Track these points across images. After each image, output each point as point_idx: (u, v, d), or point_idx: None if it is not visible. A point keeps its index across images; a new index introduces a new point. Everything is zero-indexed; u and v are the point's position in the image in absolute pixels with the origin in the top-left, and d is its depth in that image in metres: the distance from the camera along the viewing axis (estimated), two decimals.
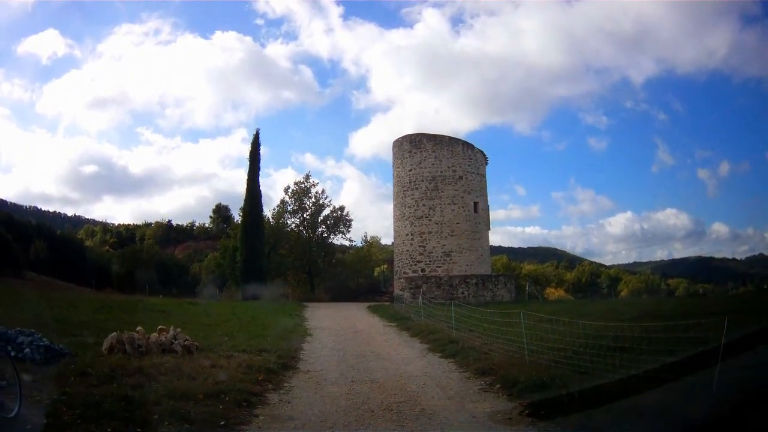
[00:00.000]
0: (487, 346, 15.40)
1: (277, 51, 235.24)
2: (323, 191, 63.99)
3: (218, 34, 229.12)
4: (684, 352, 9.16)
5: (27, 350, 11.62)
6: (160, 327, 15.82)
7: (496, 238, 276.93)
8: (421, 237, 46.04)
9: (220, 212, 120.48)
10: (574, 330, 13.46)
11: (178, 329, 15.94)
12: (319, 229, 62.85)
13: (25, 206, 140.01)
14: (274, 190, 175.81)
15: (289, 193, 62.58)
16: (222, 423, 8.53)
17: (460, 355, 15.06)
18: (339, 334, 22.46)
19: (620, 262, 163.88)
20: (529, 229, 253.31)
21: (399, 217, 48.29)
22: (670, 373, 8.73)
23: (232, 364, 13.20)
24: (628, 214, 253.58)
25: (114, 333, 14.43)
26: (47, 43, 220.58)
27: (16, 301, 22.16)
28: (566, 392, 8.66)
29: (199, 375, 11.54)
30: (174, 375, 11.32)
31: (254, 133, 57.28)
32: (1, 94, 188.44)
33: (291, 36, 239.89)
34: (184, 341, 15.21)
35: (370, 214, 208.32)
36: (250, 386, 11.10)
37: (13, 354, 9.92)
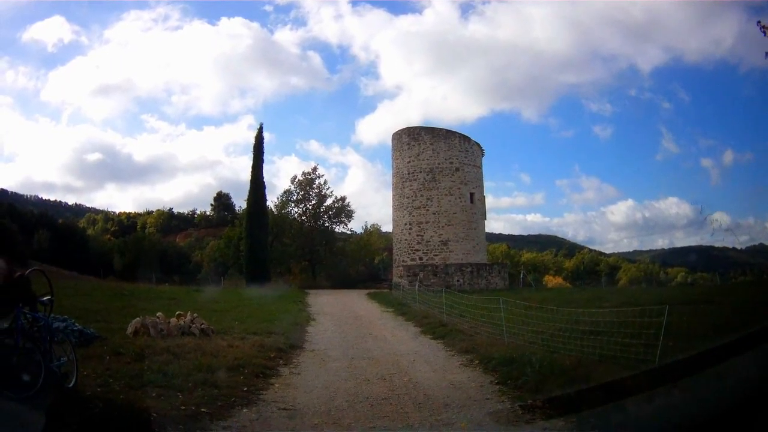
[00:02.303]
0: (473, 329, 16.95)
1: (286, 37, 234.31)
2: (326, 182, 65.07)
3: (224, 20, 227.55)
4: (648, 337, 10.67)
5: (62, 335, 13.05)
6: (178, 312, 17.18)
7: (498, 225, 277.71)
8: (419, 226, 47.40)
9: (221, 200, 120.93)
10: (556, 316, 14.99)
11: (195, 314, 17.28)
12: (321, 219, 64.08)
13: (27, 195, 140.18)
14: (278, 178, 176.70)
15: (295, 183, 63.92)
16: (245, 389, 9.96)
17: (448, 336, 16.54)
18: (340, 318, 23.96)
19: (621, 251, 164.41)
20: (530, 217, 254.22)
21: (398, 207, 49.65)
22: (624, 353, 10.44)
23: (246, 344, 14.56)
24: (630, 202, 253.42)
25: (138, 318, 15.81)
26: (53, 30, 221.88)
27: None
28: (531, 368, 10.32)
29: (219, 353, 12.89)
30: (197, 353, 12.59)
31: (259, 125, 58.62)
32: (4, 83, 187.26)
33: (300, 22, 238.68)
34: (201, 325, 16.50)
35: (374, 201, 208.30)
36: (264, 362, 12.62)
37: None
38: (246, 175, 55.39)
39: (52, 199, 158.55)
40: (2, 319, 7.58)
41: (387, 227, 73.71)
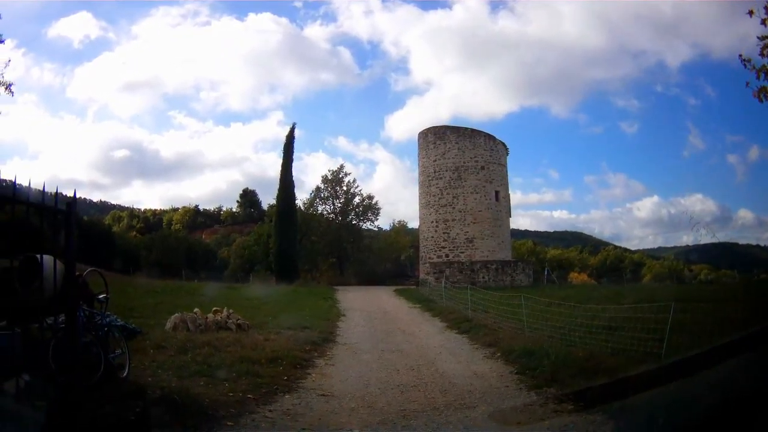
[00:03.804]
0: (497, 325, 17.66)
1: (316, 33, 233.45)
2: (354, 180, 65.95)
3: (252, 16, 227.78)
4: (658, 332, 11.47)
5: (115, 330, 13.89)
6: (214, 308, 17.97)
7: (525, 221, 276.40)
8: (445, 224, 48.12)
9: (247, 197, 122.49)
10: (575, 312, 15.78)
11: (231, 310, 18.12)
12: (349, 216, 65.06)
13: (50, 193, 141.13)
14: (305, 174, 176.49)
15: (324, 181, 65.11)
16: (285, 378, 10.78)
17: (473, 331, 17.31)
18: (369, 314, 24.72)
19: (646, 247, 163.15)
20: (557, 213, 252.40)
21: (424, 205, 50.34)
22: (633, 347, 11.32)
23: (281, 338, 15.30)
24: (655, 198, 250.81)
25: (176, 314, 16.72)
26: (79, 26, 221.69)
27: None
28: (547, 359, 11.20)
29: (257, 346, 13.59)
30: (236, 346, 13.35)
31: (291, 125, 59.49)
32: (30, 80, 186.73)
33: (330, 18, 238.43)
34: (237, 320, 17.31)
35: (402, 197, 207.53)
36: (301, 354, 13.32)
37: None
38: (273, 171, 56.56)
39: (77, 196, 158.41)
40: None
41: (413, 224, 74.11)
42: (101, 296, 9.34)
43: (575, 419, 7.60)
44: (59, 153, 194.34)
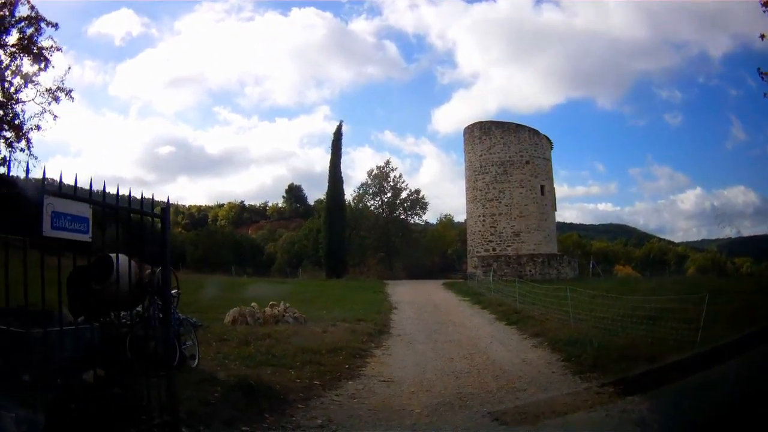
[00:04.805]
0: (544, 316, 18.27)
1: (361, 27, 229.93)
2: (401, 175, 66.68)
3: (295, 10, 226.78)
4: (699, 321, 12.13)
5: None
6: (271, 302, 18.71)
7: (572, 214, 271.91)
8: (492, 218, 48.61)
9: (293, 192, 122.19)
10: (618, 303, 16.41)
11: (287, 304, 18.89)
12: (397, 211, 65.80)
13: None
14: (352, 169, 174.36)
15: (371, 177, 65.91)
16: (346, 366, 11.53)
17: (521, 322, 17.95)
18: (420, 307, 25.40)
19: (690, 239, 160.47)
20: (602, 206, 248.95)
21: (471, 200, 50.83)
22: (672, 335, 12.09)
23: (338, 330, 16.08)
24: (698, 190, 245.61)
25: (235, 308, 17.53)
26: (121, 23, 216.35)
27: None
28: (590, 347, 11.96)
29: (316, 338, 14.33)
30: (296, 338, 13.99)
31: (339, 122, 60.51)
32: (70, 78, 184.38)
33: (375, 12, 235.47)
34: (294, 314, 18.12)
35: (448, 191, 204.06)
36: (359, 345, 14.01)
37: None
38: (320, 166, 57.47)
39: (121, 193, 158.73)
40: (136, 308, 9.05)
41: (459, 218, 74.22)
42: (173, 291, 10.02)
43: (616, 402, 8.16)
44: (103, 150, 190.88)
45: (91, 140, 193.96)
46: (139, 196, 6.29)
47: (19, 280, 4.83)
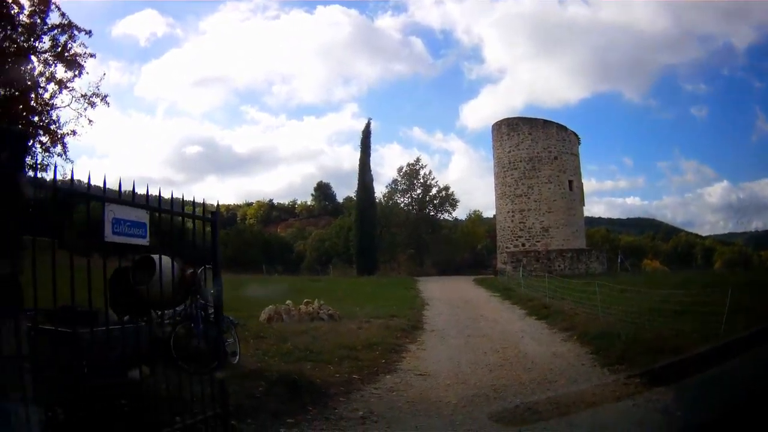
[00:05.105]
0: (573, 310, 18.55)
1: (387, 23, 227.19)
2: (430, 172, 67.11)
3: (320, 8, 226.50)
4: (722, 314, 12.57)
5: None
6: (306, 300, 19.14)
7: (600, 208, 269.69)
8: (521, 214, 48.93)
9: (322, 190, 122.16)
10: (645, 297, 16.96)
11: (322, 301, 19.36)
12: (427, 208, 66.16)
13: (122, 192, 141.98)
14: (381, 166, 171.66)
15: (402, 174, 66.28)
16: (383, 361, 11.82)
17: (551, 317, 18.30)
18: (451, 303, 25.79)
19: (717, 233, 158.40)
20: (629, 200, 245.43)
21: (500, 196, 51.19)
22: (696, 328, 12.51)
23: (373, 327, 16.38)
24: (725, 183, 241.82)
25: (270, 306, 17.97)
26: (145, 24, 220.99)
27: None
28: (618, 340, 12.37)
29: (352, 334, 14.74)
30: (332, 335, 14.41)
31: (367, 120, 60.75)
32: (95, 79, 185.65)
33: (400, 8, 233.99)
34: (328, 311, 18.54)
35: (477, 186, 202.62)
36: (393, 340, 14.42)
37: None
38: (349, 163, 57.62)
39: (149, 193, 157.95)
40: (178, 307, 9.19)
41: (487, 213, 74.10)
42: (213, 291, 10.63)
43: (642, 393, 8.52)
44: (130, 151, 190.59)
45: (118, 141, 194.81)
46: (179, 199, 6.60)
47: (65, 281, 4.91)
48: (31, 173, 5.08)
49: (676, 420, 7.22)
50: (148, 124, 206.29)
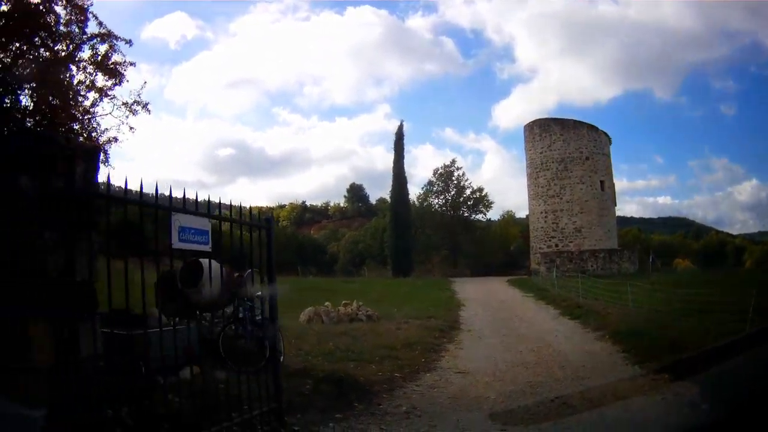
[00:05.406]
0: (605, 310, 18.87)
1: (418, 23, 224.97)
2: (464, 173, 67.37)
3: (350, 9, 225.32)
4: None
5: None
6: (344, 301, 19.71)
7: (632, 208, 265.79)
8: (554, 215, 49.35)
9: (355, 191, 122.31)
10: (675, 297, 17.44)
11: (360, 302, 19.89)
12: (461, 209, 66.59)
13: (150, 194, 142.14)
14: (414, 167, 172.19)
15: (436, 175, 66.83)
16: (422, 360, 12.19)
17: (584, 317, 18.59)
18: (486, 303, 26.25)
19: (747, 231, 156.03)
20: (661, 199, 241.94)
21: (533, 197, 51.50)
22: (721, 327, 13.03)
23: (411, 327, 16.72)
24: (754, 181, 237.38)
25: (310, 308, 18.55)
26: (175, 27, 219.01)
27: None
28: (648, 337, 12.96)
29: (391, 334, 15.13)
30: (372, 335, 14.81)
31: (400, 122, 61.21)
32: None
33: (431, 8, 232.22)
34: (367, 312, 19.04)
35: (510, 186, 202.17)
36: (432, 340, 14.78)
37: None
38: (381, 164, 57.99)
39: (178, 196, 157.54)
40: (227, 308, 9.61)
41: (520, 213, 73.90)
42: (258, 293, 10.41)
43: (670, 387, 8.83)
44: (162, 153, 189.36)
45: (150, 143, 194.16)
46: (236, 206, 7.08)
47: (120, 286, 5.27)
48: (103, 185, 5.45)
49: (702, 413, 7.76)
50: (178, 126, 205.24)
